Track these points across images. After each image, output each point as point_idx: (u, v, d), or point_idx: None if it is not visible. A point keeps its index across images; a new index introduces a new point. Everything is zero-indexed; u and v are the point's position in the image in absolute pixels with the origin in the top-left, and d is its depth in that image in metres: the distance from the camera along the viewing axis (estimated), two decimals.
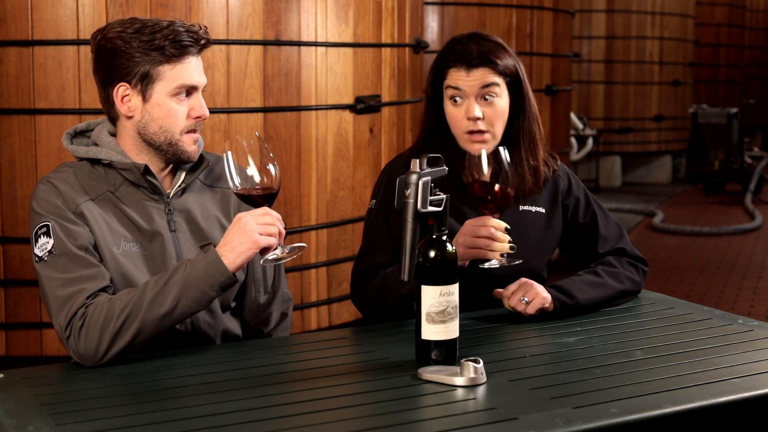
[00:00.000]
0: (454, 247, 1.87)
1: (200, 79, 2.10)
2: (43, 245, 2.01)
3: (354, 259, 2.46)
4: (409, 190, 1.85)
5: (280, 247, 1.96)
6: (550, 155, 2.48)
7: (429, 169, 1.88)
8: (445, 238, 1.86)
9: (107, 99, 2.12)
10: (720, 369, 1.87)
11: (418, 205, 1.84)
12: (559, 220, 2.47)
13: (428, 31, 5.66)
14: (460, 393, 1.73)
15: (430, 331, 1.85)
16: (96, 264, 2.02)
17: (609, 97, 10.59)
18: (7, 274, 3.47)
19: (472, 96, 2.30)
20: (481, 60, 2.30)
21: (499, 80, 2.31)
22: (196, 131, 2.12)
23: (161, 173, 2.16)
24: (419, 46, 4.41)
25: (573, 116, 8.85)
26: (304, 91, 3.77)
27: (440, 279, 1.84)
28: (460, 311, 1.89)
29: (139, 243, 2.10)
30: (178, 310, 1.95)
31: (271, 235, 1.95)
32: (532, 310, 2.21)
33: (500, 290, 2.26)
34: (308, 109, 3.79)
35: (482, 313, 2.28)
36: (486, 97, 2.30)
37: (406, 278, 1.82)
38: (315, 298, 3.91)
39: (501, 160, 2.11)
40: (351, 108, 3.93)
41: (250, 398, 1.72)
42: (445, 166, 1.93)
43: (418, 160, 1.87)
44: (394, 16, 4.14)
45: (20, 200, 3.43)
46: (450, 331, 1.85)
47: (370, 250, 2.38)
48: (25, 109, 3.41)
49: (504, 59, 2.32)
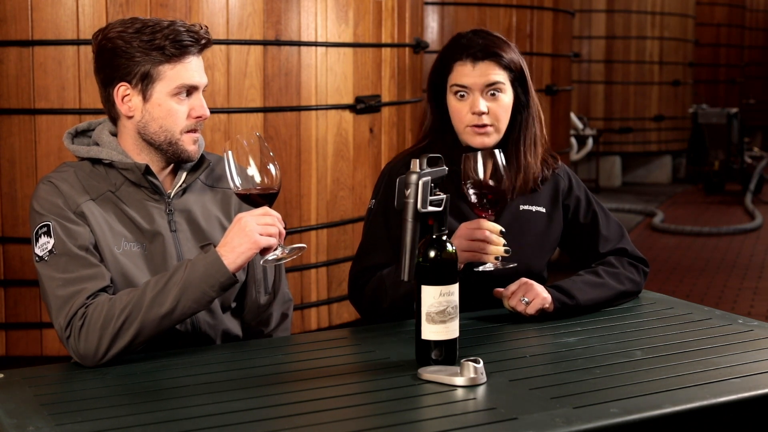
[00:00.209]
0: (454, 247, 1.87)
1: (201, 78, 2.10)
2: (44, 245, 2.01)
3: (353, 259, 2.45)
4: (409, 190, 1.85)
5: (280, 248, 1.96)
6: (551, 155, 2.48)
7: (429, 169, 1.88)
8: (445, 238, 1.86)
9: (108, 99, 2.12)
10: (720, 369, 1.87)
11: (418, 205, 1.84)
12: (560, 220, 2.46)
13: (428, 31, 5.67)
14: (460, 393, 1.73)
15: (430, 331, 1.85)
16: (96, 264, 2.02)
17: (609, 97, 10.59)
18: (7, 274, 3.47)
19: (477, 91, 2.31)
20: (486, 53, 2.30)
21: (503, 76, 2.32)
22: (196, 131, 2.12)
23: (162, 173, 2.16)
24: (419, 46, 4.41)
25: (573, 116, 8.85)
26: (304, 91, 3.77)
27: (440, 279, 1.84)
28: (460, 311, 1.89)
29: (140, 243, 2.09)
30: (178, 311, 1.95)
31: (271, 236, 1.94)
32: (532, 310, 2.20)
33: (500, 289, 2.26)
34: (308, 109, 3.79)
35: (482, 313, 2.28)
36: (491, 93, 2.31)
37: (406, 278, 1.82)
38: (315, 298, 3.91)
39: (496, 163, 2.11)
40: (351, 108, 3.93)
41: (250, 398, 1.72)
42: (445, 166, 1.93)
43: (418, 160, 1.87)
44: (394, 16, 4.14)
45: (20, 200, 3.43)
46: (450, 331, 1.85)
47: (369, 250, 2.38)
48: (25, 109, 3.41)
49: (509, 53, 2.33)
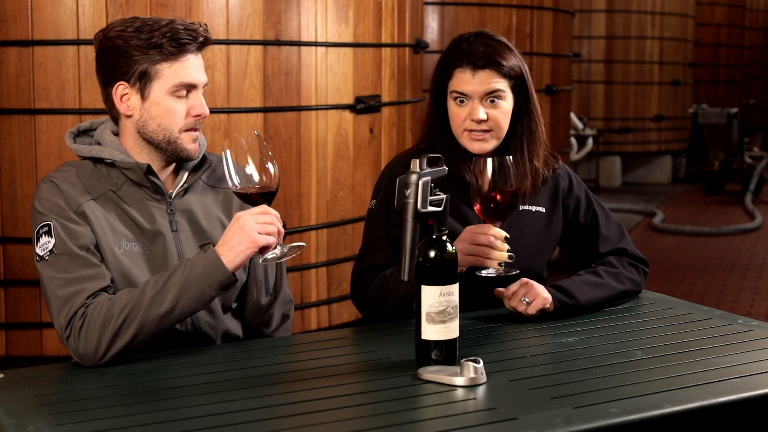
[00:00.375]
0: (454, 247, 1.87)
1: (199, 77, 2.10)
2: (45, 244, 2.01)
3: (354, 259, 2.45)
4: (409, 190, 1.85)
5: (279, 246, 1.96)
6: (552, 155, 2.48)
7: (429, 169, 1.88)
8: (445, 238, 1.86)
9: (108, 98, 2.12)
10: (720, 369, 1.87)
11: (418, 205, 1.84)
12: (560, 220, 2.46)
13: (428, 31, 5.66)
14: (460, 393, 1.73)
15: (430, 331, 1.85)
16: (97, 264, 2.02)
17: (609, 97, 10.59)
18: (7, 274, 3.47)
19: (477, 99, 2.30)
20: (486, 61, 2.30)
21: (504, 84, 2.31)
22: (196, 130, 2.12)
23: (164, 173, 2.16)
24: (419, 46, 4.41)
25: (573, 116, 8.85)
26: (304, 91, 3.77)
27: (440, 279, 1.84)
28: (460, 311, 1.89)
29: (141, 243, 2.09)
30: (178, 310, 1.95)
31: (269, 234, 1.94)
32: (532, 310, 2.20)
33: (501, 290, 2.26)
34: (308, 109, 3.79)
35: (482, 313, 2.28)
36: (491, 100, 2.31)
37: (406, 278, 1.82)
38: (315, 298, 3.91)
39: (507, 169, 2.09)
40: (351, 108, 3.93)
41: (250, 398, 1.72)
42: (445, 166, 1.93)
43: (418, 160, 1.87)
44: (394, 16, 4.14)
45: (20, 200, 3.43)
46: (450, 331, 1.85)
47: (370, 250, 2.38)
48: (25, 109, 3.41)
49: (510, 60, 2.32)
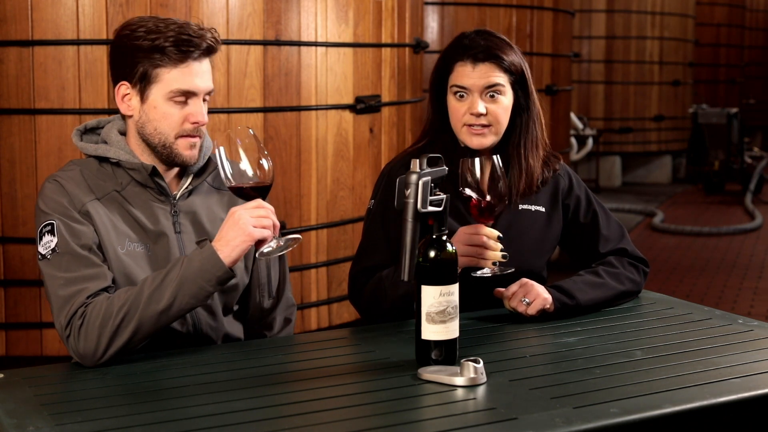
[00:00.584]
0: (454, 247, 1.87)
1: (200, 84, 2.07)
2: (47, 243, 2.01)
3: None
4: (409, 190, 1.85)
5: (275, 240, 1.96)
6: (553, 155, 2.48)
7: (429, 169, 1.88)
8: (445, 238, 1.85)
9: (115, 96, 2.12)
10: (720, 369, 1.87)
11: (418, 205, 1.84)
12: (560, 220, 2.46)
13: (428, 31, 5.66)
14: (460, 393, 1.73)
15: (430, 331, 1.85)
16: (99, 264, 2.01)
17: (609, 97, 10.59)
18: (7, 274, 3.47)
19: (477, 93, 2.31)
20: (487, 55, 2.30)
21: (504, 78, 2.32)
22: (194, 136, 2.10)
23: (168, 175, 2.15)
24: (419, 46, 4.41)
25: (573, 116, 8.85)
26: (304, 91, 3.77)
27: (440, 279, 1.83)
28: (460, 311, 1.89)
29: (144, 243, 2.09)
30: (176, 306, 1.95)
31: (265, 227, 1.94)
32: (532, 311, 2.20)
33: (501, 290, 2.26)
34: (308, 109, 3.79)
35: (482, 313, 2.28)
36: (491, 94, 2.31)
37: (406, 278, 1.82)
38: (315, 298, 3.91)
39: (494, 168, 2.10)
40: (351, 108, 3.93)
41: (250, 398, 1.71)
42: (445, 166, 1.93)
43: (418, 160, 1.87)
44: (394, 16, 4.14)
45: (20, 200, 3.42)
46: (450, 331, 1.85)
47: (369, 250, 2.38)
48: (25, 109, 3.41)
49: (510, 56, 2.33)
